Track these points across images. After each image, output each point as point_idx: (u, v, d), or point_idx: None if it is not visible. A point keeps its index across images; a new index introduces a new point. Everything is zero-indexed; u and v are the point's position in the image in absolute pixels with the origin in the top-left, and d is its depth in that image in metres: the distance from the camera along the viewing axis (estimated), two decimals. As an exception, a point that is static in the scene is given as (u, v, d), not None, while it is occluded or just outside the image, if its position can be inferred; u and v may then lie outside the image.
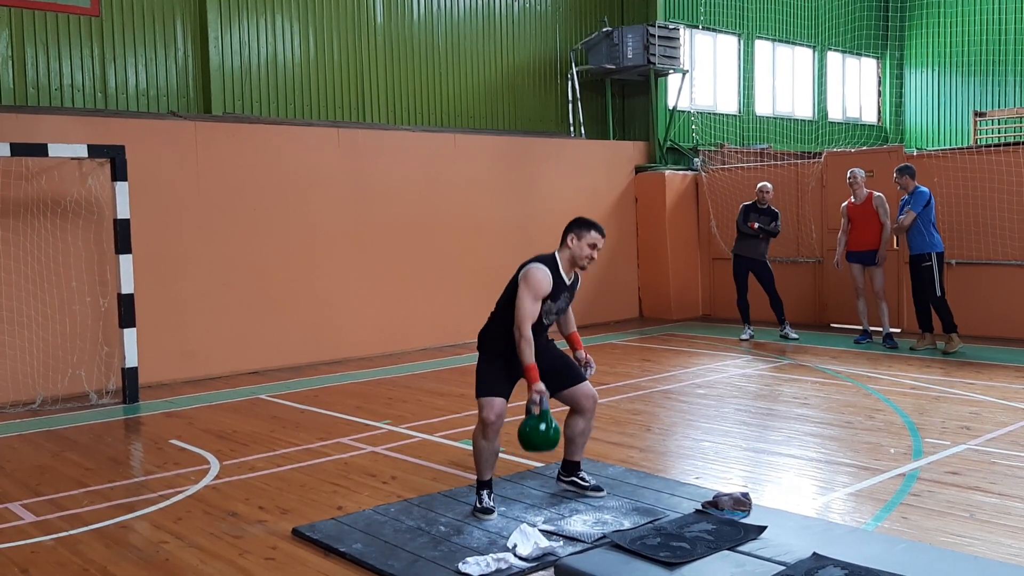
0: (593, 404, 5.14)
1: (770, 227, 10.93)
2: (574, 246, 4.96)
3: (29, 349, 8.40)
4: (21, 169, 8.33)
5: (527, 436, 4.85)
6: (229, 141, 9.68)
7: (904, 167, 9.85)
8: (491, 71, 13.02)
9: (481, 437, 4.88)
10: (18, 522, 5.09)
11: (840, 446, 6.22)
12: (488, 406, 4.84)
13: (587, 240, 4.94)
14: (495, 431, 4.86)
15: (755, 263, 11.08)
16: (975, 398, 7.60)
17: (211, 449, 6.58)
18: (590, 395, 5.12)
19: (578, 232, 4.97)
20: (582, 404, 5.11)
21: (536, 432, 4.82)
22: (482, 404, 4.87)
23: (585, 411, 5.13)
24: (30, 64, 9.27)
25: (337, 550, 4.42)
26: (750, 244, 11.06)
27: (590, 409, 5.14)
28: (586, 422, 5.16)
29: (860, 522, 4.72)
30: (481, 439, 4.88)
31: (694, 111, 14.64)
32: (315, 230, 10.25)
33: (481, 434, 4.88)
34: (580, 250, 4.95)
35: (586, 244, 4.94)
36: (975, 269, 10.62)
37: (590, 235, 4.95)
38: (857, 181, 10.35)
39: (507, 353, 4.90)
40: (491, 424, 4.83)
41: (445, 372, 9.62)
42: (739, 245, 11.20)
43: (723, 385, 8.48)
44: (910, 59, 18.94)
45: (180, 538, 4.75)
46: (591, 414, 5.16)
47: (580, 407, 5.13)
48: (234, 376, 9.56)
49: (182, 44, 10.26)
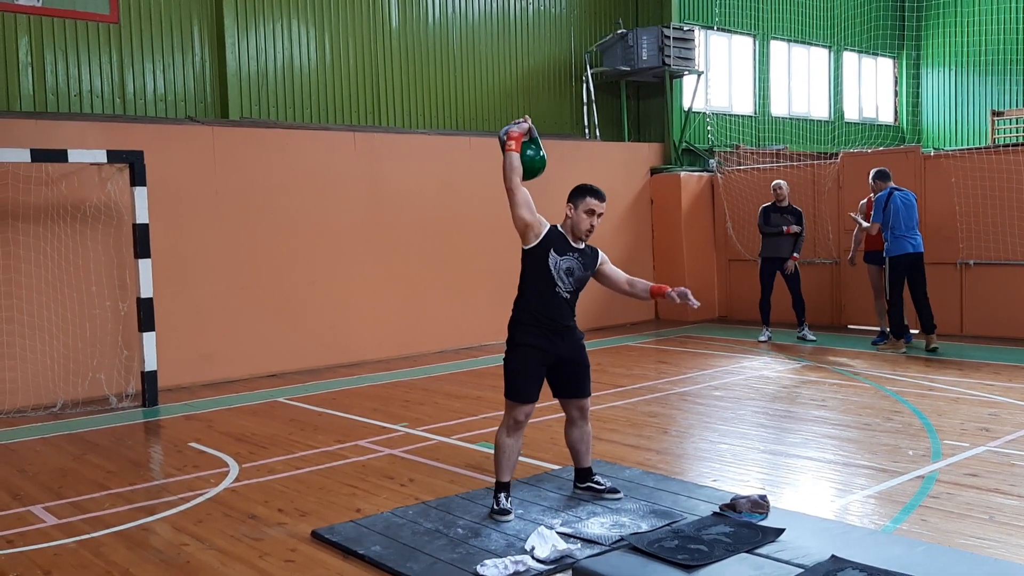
0: (580, 413, 5.12)
1: (799, 228, 10.84)
2: (572, 216, 4.85)
3: (50, 353, 8.47)
4: (41, 175, 8.40)
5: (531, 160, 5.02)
6: (246, 145, 9.74)
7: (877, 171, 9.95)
8: (506, 74, 13.05)
9: (506, 435, 4.89)
10: (41, 525, 5.14)
11: (858, 448, 6.20)
12: (520, 410, 4.86)
13: (583, 207, 4.81)
14: (521, 430, 4.90)
15: (782, 263, 10.99)
16: (994, 399, 7.55)
17: (230, 452, 6.63)
18: (580, 406, 5.10)
19: (574, 201, 4.85)
20: (571, 412, 5.12)
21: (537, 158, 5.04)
22: (512, 407, 4.87)
23: (575, 420, 5.13)
24: (49, 71, 9.36)
25: (356, 552, 4.45)
26: (776, 244, 10.94)
27: (578, 417, 5.13)
28: (579, 429, 5.16)
29: (879, 524, 4.70)
30: (506, 437, 4.89)
31: (709, 112, 14.61)
32: (332, 233, 10.30)
33: (506, 432, 4.89)
34: (579, 220, 4.83)
35: (583, 212, 4.81)
36: (994, 270, 10.55)
37: (585, 201, 4.80)
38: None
39: (538, 340, 4.86)
40: (520, 423, 4.87)
41: (462, 375, 9.64)
42: (765, 247, 11.08)
43: (740, 387, 8.46)
44: (927, 58, 18.83)
45: (200, 540, 4.78)
46: (582, 421, 5.14)
47: (570, 416, 5.14)
48: (252, 379, 9.61)
49: (199, 50, 10.34)
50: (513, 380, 4.90)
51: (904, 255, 9.65)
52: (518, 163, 4.95)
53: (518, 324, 4.94)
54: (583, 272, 4.94)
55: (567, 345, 4.95)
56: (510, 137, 4.98)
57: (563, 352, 4.94)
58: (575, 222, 4.86)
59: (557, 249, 4.85)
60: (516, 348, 4.93)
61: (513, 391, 4.88)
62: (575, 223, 4.87)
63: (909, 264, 9.70)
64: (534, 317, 4.87)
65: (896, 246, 9.67)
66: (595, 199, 4.84)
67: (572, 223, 4.88)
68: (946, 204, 10.77)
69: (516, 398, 4.86)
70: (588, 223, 4.84)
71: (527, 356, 4.88)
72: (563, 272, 4.86)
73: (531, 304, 4.89)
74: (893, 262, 9.70)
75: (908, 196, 9.77)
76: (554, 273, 4.84)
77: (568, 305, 4.94)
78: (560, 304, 4.89)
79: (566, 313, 4.93)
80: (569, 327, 4.96)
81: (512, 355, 4.95)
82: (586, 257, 4.95)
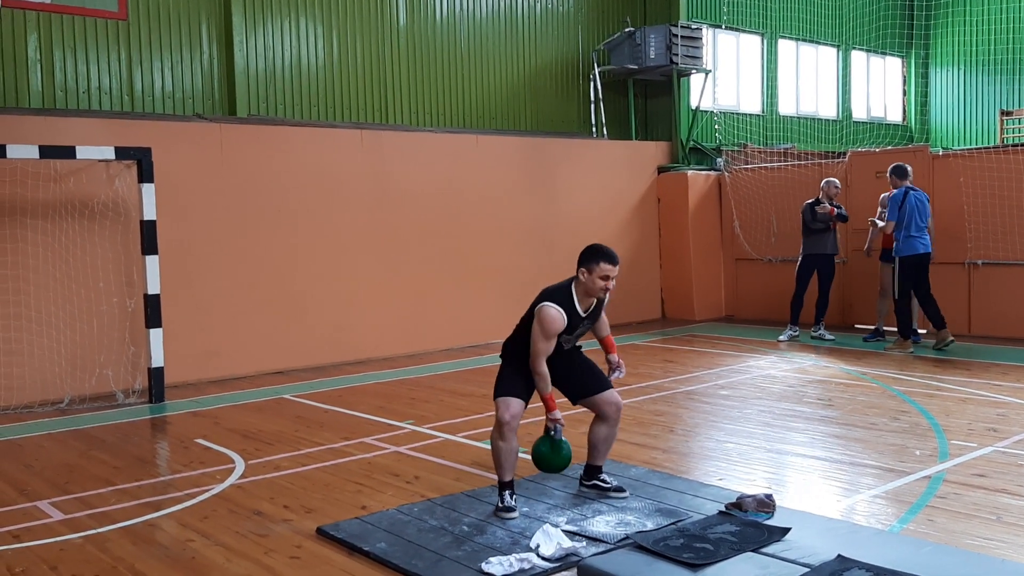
0: (616, 412, 5.11)
1: (843, 211, 10.77)
2: (586, 280, 4.84)
3: (57, 349, 8.50)
4: (49, 171, 8.43)
5: (539, 457, 5.02)
6: (254, 143, 9.76)
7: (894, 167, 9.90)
8: (513, 72, 13.04)
9: (498, 438, 4.89)
10: (47, 520, 5.15)
11: (865, 448, 6.18)
12: (504, 406, 4.86)
13: (598, 273, 4.80)
14: (511, 431, 4.86)
15: (824, 259, 10.89)
16: (1002, 400, 7.52)
17: (236, 448, 6.64)
18: (614, 403, 5.10)
19: (588, 267, 4.83)
20: (605, 411, 5.10)
21: (546, 456, 5.00)
22: (498, 404, 4.89)
23: (608, 418, 5.11)
24: (58, 67, 9.38)
25: (361, 549, 4.45)
26: (819, 240, 10.85)
27: (613, 416, 5.11)
28: (609, 429, 5.14)
29: (885, 524, 4.69)
30: (498, 440, 4.89)
31: (717, 111, 14.57)
32: (338, 231, 10.31)
33: (498, 435, 4.89)
34: (593, 284, 4.83)
35: (597, 278, 4.81)
36: (1002, 270, 10.51)
37: (600, 268, 4.80)
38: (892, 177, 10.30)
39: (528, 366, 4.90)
40: (506, 424, 4.83)
41: (467, 372, 9.64)
42: (807, 243, 10.95)
43: (746, 386, 8.44)
44: (935, 57, 18.77)
45: (206, 536, 4.79)
46: (615, 422, 5.13)
47: (603, 414, 5.11)
48: (258, 376, 9.63)
49: (207, 47, 10.35)
50: (501, 381, 4.98)
51: (915, 255, 9.62)
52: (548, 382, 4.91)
53: (515, 355, 5.01)
54: (585, 329, 5.07)
55: (562, 360, 5.02)
56: None
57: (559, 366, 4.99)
58: (588, 288, 4.86)
59: (568, 329, 4.88)
60: (508, 363, 5.06)
61: (500, 389, 4.94)
62: (588, 289, 4.86)
63: (919, 264, 9.67)
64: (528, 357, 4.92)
65: (908, 246, 9.62)
66: (609, 264, 4.81)
67: (586, 288, 4.87)
68: (954, 204, 10.72)
69: (502, 394, 4.91)
70: (603, 286, 4.84)
71: (517, 366, 4.97)
72: (571, 340, 5.01)
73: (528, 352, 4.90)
74: (904, 262, 9.66)
75: (922, 196, 9.75)
76: (561, 342, 4.93)
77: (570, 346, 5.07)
78: (562, 351, 5.00)
79: (565, 351, 5.05)
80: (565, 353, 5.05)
81: (503, 365, 5.08)
82: (592, 316, 5.01)
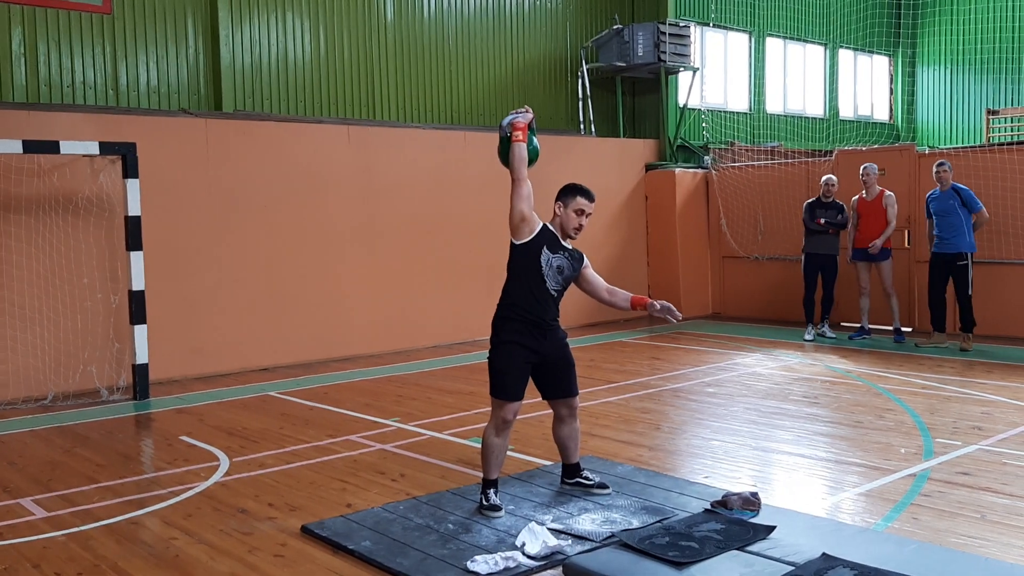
0: (570, 411, 5.11)
1: (836, 220, 10.76)
2: (562, 214, 4.86)
3: (40, 345, 8.44)
4: (33, 166, 8.36)
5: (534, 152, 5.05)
6: (240, 138, 9.70)
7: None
8: (501, 68, 13.02)
9: (494, 435, 4.87)
10: (30, 517, 5.11)
11: (850, 446, 6.20)
12: (507, 408, 4.83)
13: (573, 207, 4.83)
14: (510, 430, 4.88)
15: (827, 259, 10.91)
16: (987, 398, 7.56)
17: (221, 446, 6.61)
18: (570, 405, 5.09)
19: (564, 200, 4.86)
20: (560, 411, 5.11)
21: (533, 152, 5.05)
22: (500, 405, 4.84)
23: (564, 418, 5.12)
24: (42, 61, 9.31)
25: (346, 547, 4.43)
26: (820, 241, 10.87)
27: (567, 415, 5.12)
28: (568, 427, 5.14)
29: (870, 522, 4.70)
30: (494, 436, 4.87)
31: (705, 109, 14.59)
32: (325, 227, 10.27)
33: (494, 432, 4.87)
34: (567, 218, 4.84)
35: (572, 212, 4.83)
36: (988, 268, 10.54)
37: (576, 201, 4.83)
38: (870, 177, 10.39)
39: (524, 338, 4.84)
40: (508, 423, 4.84)
41: (454, 369, 9.63)
42: (809, 243, 10.97)
43: (733, 384, 8.46)
44: (922, 56, 18.84)
45: (190, 534, 4.76)
46: (571, 419, 5.13)
47: (559, 414, 5.13)
48: (244, 373, 9.59)
49: (193, 42, 10.29)
50: (500, 378, 4.86)
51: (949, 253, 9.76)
52: (525, 153, 4.92)
53: (504, 320, 4.91)
54: (571, 272, 4.95)
55: (551, 344, 4.94)
56: (516, 127, 4.94)
57: (547, 351, 4.92)
58: (564, 221, 4.87)
59: (550, 246, 4.84)
60: (501, 345, 4.90)
61: (500, 389, 4.85)
62: (564, 222, 4.87)
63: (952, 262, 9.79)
64: (521, 314, 4.85)
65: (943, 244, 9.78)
66: (585, 199, 4.87)
67: (561, 221, 4.88)
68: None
69: (504, 396, 4.83)
70: (577, 222, 4.85)
71: (512, 353, 4.86)
72: (554, 269, 4.86)
73: (519, 300, 4.86)
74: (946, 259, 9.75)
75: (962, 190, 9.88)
76: (545, 270, 4.83)
77: (555, 303, 4.93)
78: (548, 301, 4.88)
79: (553, 311, 4.93)
80: (553, 326, 4.95)
81: (497, 352, 4.91)
82: (573, 258, 4.96)
